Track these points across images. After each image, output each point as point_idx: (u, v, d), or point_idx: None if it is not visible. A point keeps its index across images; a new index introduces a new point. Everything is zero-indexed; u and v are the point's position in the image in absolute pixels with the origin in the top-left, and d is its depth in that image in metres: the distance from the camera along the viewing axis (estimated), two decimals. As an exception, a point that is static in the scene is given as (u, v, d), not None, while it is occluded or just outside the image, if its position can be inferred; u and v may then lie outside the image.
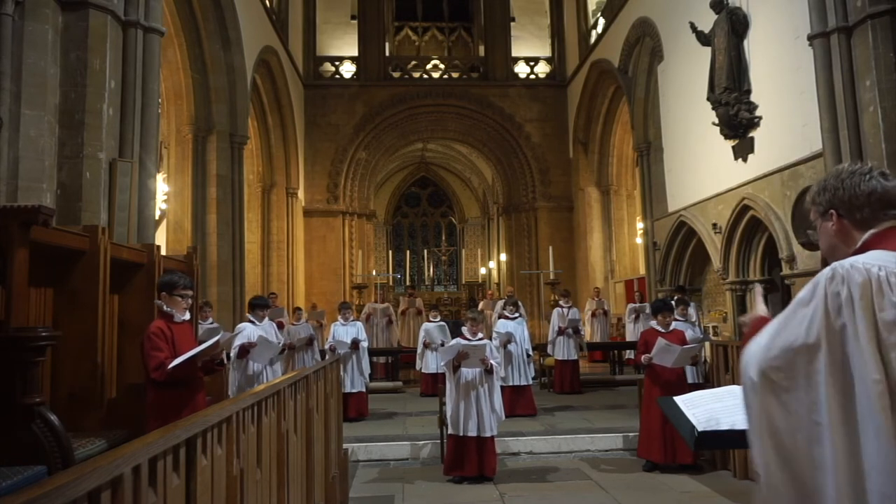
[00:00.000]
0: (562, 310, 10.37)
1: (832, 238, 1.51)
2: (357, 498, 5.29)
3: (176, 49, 10.59)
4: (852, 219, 1.47)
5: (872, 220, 1.45)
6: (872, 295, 1.27)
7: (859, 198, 1.45)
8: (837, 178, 1.50)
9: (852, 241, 1.46)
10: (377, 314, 12.43)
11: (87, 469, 1.23)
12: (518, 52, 18.92)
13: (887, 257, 1.33)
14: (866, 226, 1.45)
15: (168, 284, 4.05)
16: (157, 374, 3.75)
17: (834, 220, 1.49)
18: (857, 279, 1.29)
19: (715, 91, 9.57)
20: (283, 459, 2.96)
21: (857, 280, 1.29)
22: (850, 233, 1.47)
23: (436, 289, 25.18)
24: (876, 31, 6.69)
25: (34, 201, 4.52)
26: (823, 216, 1.52)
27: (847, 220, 1.48)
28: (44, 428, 3.00)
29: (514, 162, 18.46)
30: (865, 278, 1.29)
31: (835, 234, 1.50)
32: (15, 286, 3.13)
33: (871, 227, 1.44)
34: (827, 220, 1.51)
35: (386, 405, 9.15)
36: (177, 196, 10.80)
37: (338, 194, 17.68)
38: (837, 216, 1.49)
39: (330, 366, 4.98)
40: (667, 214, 12.05)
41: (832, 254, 1.50)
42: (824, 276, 1.33)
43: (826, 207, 1.51)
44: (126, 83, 6.18)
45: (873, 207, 1.45)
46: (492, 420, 5.65)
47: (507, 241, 19.68)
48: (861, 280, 1.29)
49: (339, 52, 18.46)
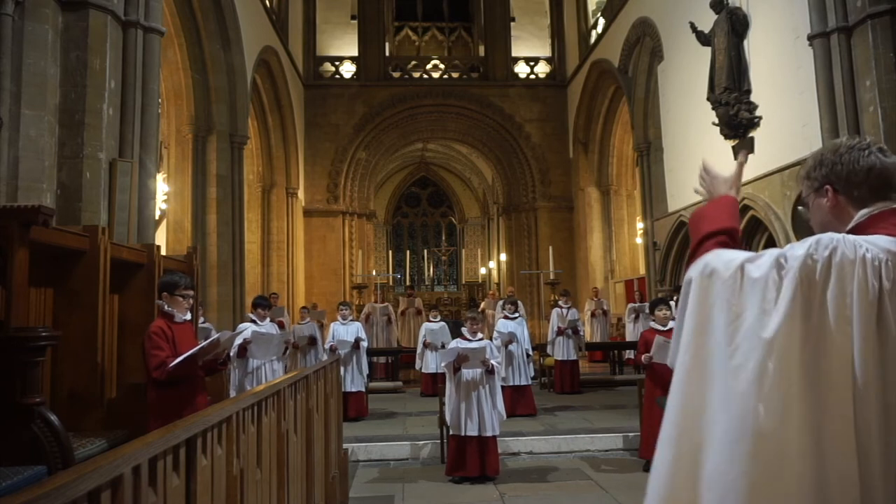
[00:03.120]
0: (561, 310, 10.36)
1: (826, 214, 1.46)
2: (357, 498, 5.29)
3: (176, 49, 10.59)
4: (849, 195, 1.42)
5: (869, 199, 1.41)
6: (855, 273, 1.23)
7: (858, 174, 1.41)
8: (835, 152, 1.45)
9: (847, 218, 1.42)
10: (376, 314, 12.43)
11: (87, 469, 1.23)
12: (518, 52, 18.92)
13: (880, 241, 1.29)
14: (862, 203, 1.41)
15: (170, 285, 4.05)
16: (157, 373, 3.75)
17: (829, 195, 1.44)
18: (849, 254, 1.25)
19: (715, 91, 9.57)
20: (283, 459, 2.96)
21: (848, 255, 1.25)
22: (846, 209, 1.42)
23: (436, 289, 25.19)
24: (876, 31, 6.69)
25: (34, 201, 4.52)
26: (818, 192, 1.47)
27: (843, 196, 1.43)
28: (44, 428, 3.00)
29: (514, 162, 18.47)
30: (852, 254, 1.25)
31: (829, 210, 1.45)
32: (15, 286, 3.13)
33: (867, 206, 1.40)
34: (821, 196, 1.46)
35: (386, 405, 9.14)
36: (177, 196, 10.80)
37: (338, 194, 17.69)
38: (833, 192, 1.44)
39: (330, 366, 4.98)
40: (667, 214, 12.04)
41: (824, 230, 1.44)
42: (806, 244, 1.27)
43: (822, 182, 1.46)
44: (126, 83, 6.19)
45: (871, 185, 1.41)
46: (493, 419, 5.64)
47: (507, 241, 19.69)
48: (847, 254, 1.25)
49: (339, 52, 18.47)
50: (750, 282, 1.26)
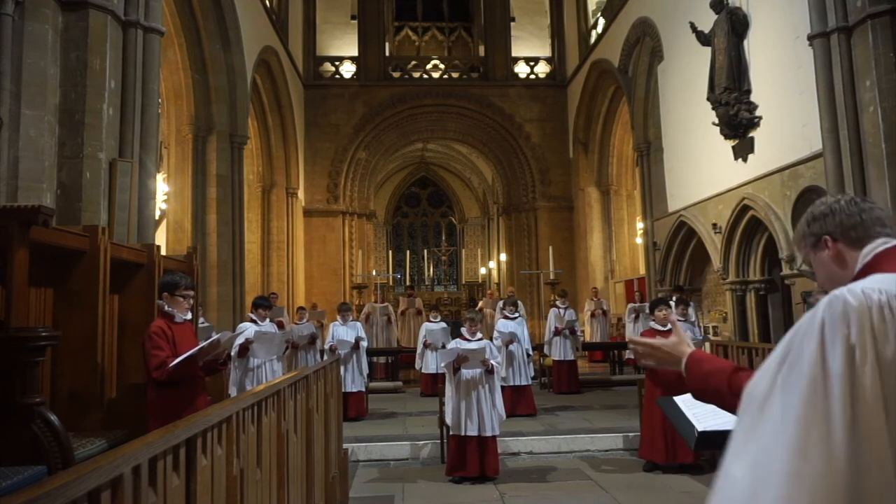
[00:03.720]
0: (558, 310, 10.36)
1: (829, 266, 1.47)
2: (357, 498, 5.29)
3: (176, 49, 10.59)
4: (847, 239, 1.44)
5: (866, 238, 1.43)
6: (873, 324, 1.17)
7: (852, 217, 1.44)
8: (826, 206, 1.49)
9: (852, 262, 1.43)
10: (376, 314, 12.43)
11: (87, 469, 1.23)
12: (518, 52, 18.92)
13: (889, 280, 1.26)
14: (861, 244, 1.43)
15: (170, 285, 4.05)
16: (158, 373, 3.75)
17: (829, 245, 1.46)
18: (854, 304, 1.18)
19: (715, 91, 9.57)
20: (283, 459, 2.96)
21: (854, 305, 1.18)
22: (847, 254, 1.44)
23: (436, 289, 25.18)
24: (876, 31, 6.69)
25: (34, 201, 4.52)
26: (816, 246, 1.49)
27: (842, 242, 1.45)
28: (44, 428, 3.00)
29: (514, 162, 18.47)
30: (863, 304, 1.19)
31: (832, 259, 1.46)
32: (15, 286, 3.13)
33: (866, 244, 1.42)
34: (821, 250, 1.48)
35: (386, 405, 9.15)
36: (177, 196, 10.80)
37: (338, 194, 17.69)
38: (832, 241, 1.46)
39: (330, 366, 4.98)
40: (667, 214, 12.04)
41: (832, 284, 1.44)
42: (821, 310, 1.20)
43: (819, 235, 1.48)
44: (126, 83, 6.18)
45: (865, 224, 1.43)
46: (493, 419, 5.64)
47: (507, 241, 19.69)
48: (858, 306, 1.19)
49: (339, 52, 18.47)
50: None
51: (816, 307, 1.23)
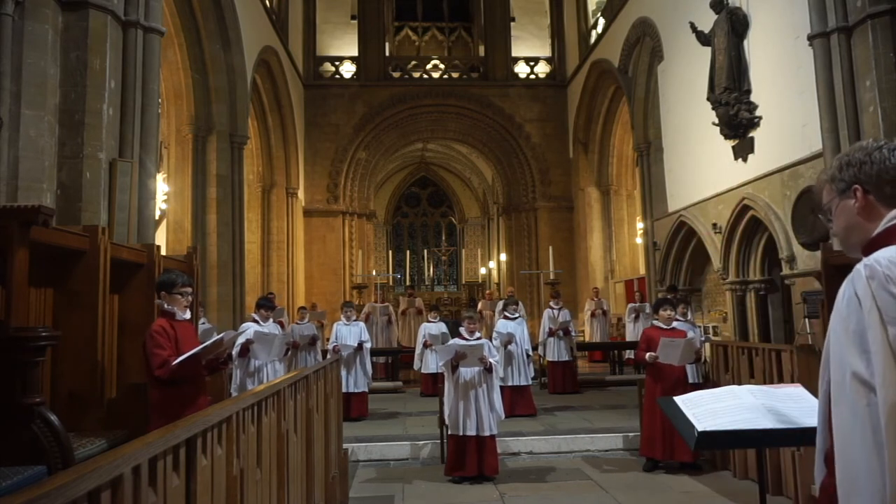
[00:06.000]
0: (552, 311, 10.35)
1: (854, 217, 1.41)
2: (357, 498, 5.29)
3: (176, 49, 10.59)
4: (880, 194, 1.37)
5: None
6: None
7: (889, 171, 1.37)
8: (864, 152, 1.41)
9: (877, 218, 1.37)
10: (377, 314, 12.43)
11: (87, 469, 1.23)
12: (518, 52, 18.93)
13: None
14: (892, 203, 1.37)
15: (167, 283, 4.04)
16: (160, 371, 3.74)
17: (858, 196, 1.39)
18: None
19: (715, 91, 9.57)
20: (283, 459, 2.96)
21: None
22: (876, 209, 1.38)
23: (436, 289, 25.19)
24: (876, 31, 6.69)
25: (34, 201, 4.52)
26: (844, 193, 1.42)
27: (874, 195, 1.38)
28: (44, 428, 3.00)
29: (514, 162, 18.47)
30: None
31: (859, 211, 1.40)
32: (15, 286, 3.13)
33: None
34: (848, 198, 1.41)
35: (386, 405, 9.14)
36: (177, 196, 10.80)
37: (338, 194, 17.69)
38: (863, 192, 1.39)
39: (330, 366, 4.98)
40: (667, 214, 12.05)
41: (848, 235, 1.41)
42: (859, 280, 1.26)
43: (850, 183, 1.40)
44: (126, 83, 6.18)
45: None
46: (491, 419, 5.64)
47: (507, 241, 19.69)
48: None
49: (339, 52, 18.47)
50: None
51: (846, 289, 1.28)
